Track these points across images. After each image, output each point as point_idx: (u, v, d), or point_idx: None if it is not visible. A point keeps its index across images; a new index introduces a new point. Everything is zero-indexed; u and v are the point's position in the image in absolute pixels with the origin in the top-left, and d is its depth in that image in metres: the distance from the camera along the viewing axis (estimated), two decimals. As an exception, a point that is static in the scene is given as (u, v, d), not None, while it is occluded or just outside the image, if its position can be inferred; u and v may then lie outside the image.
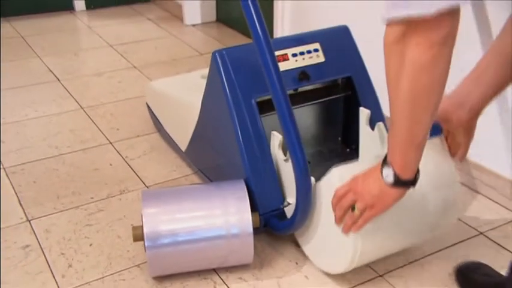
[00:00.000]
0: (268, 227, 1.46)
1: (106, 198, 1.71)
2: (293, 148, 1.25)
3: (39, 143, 2.02)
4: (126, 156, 1.94)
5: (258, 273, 1.42)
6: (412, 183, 1.11)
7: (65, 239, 1.53)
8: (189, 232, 1.33)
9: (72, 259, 1.46)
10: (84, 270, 1.43)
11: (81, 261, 1.45)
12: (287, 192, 1.44)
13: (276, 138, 1.43)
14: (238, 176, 1.45)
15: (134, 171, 1.85)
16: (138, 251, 1.48)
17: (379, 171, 1.11)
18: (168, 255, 1.33)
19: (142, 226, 1.31)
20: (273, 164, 1.44)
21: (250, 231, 1.34)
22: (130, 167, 1.88)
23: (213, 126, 1.58)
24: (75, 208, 1.66)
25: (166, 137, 1.97)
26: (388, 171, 1.09)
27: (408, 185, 1.11)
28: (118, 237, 1.54)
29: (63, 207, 1.67)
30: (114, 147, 2.00)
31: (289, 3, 2.38)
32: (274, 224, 1.44)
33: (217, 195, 1.38)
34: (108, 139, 2.05)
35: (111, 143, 2.02)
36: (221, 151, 1.56)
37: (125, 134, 2.09)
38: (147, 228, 1.30)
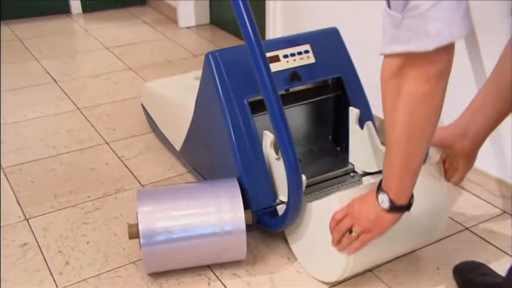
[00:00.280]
0: (261, 224, 1.47)
1: (102, 197, 1.73)
2: (284, 147, 1.26)
3: (37, 143, 2.03)
4: (122, 156, 1.96)
5: (251, 269, 1.44)
6: (407, 208, 1.13)
7: (62, 237, 1.55)
8: (184, 229, 1.34)
9: (70, 257, 1.48)
10: (81, 267, 1.44)
11: (78, 259, 1.47)
12: (279, 190, 1.46)
13: (268, 137, 1.44)
14: (232, 174, 1.46)
15: (130, 171, 1.87)
16: (133, 248, 1.50)
17: (375, 197, 1.13)
18: (163, 252, 1.34)
19: (137, 224, 1.32)
20: (265, 162, 1.46)
21: (243, 228, 1.35)
22: (126, 166, 1.90)
23: (206, 126, 1.59)
24: (72, 207, 1.68)
25: (161, 137, 1.98)
26: (384, 197, 1.11)
27: (403, 209, 1.13)
28: (114, 235, 1.56)
29: (60, 206, 1.69)
30: (110, 147, 2.02)
31: (281, 4, 2.40)
32: (267, 221, 1.45)
33: (211, 193, 1.39)
34: (104, 139, 2.07)
35: (107, 143, 2.04)
36: (214, 150, 1.58)
37: (121, 134, 2.11)
38: (142, 226, 1.31)
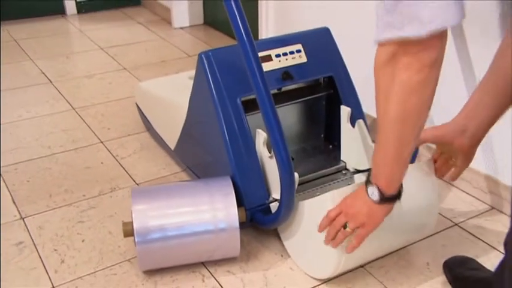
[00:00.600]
0: (254, 222, 1.48)
1: (97, 196, 1.74)
2: (277, 145, 1.27)
3: (32, 143, 2.04)
4: (117, 155, 1.97)
5: (245, 266, 1.45)
6: (397, 198, 1.14)
7: (57, 236, 1.56)
8: (178, 227, 1.35)
9: (65, 255, 1.49)
10: (76, 265, 1.45)
11: (74, 257, 1.48)
12: (272, 188, 1.47)
13: (260, 136, 1.45)
14: (225, 172, 1.47)
15: (125, 169, 1.88)
16: (128, 246, 1.51)
17: (365, 191, 1.14)
18: (158, 250, 1.35)
19: (132, 222, 1.33)
20: (258, 161, 1.47)
21: (237, 225, 1.36)
22: (121, 165, 1.91)
23: (200, 125, 1.60)
24: (68, 205, 1.69)
25: (156, 136, 1.99)
26: (373, 189, 1.12)
27: (394, 199, 1.14)
28: (109, 233, 1.57)
29: (55, 205, 1.70)
30: (105, 146, 2.03)
31: (273, 4, 2.41)
32: (260, 218, 1.47)
33: (205, 191, 1.40)
34: (99, 138, 2.08)
35: (102, 142, 2.05)
36: (208, 149, 1.59)
37: (116, 133, 2.12)
38: (136, 224, 1.32)
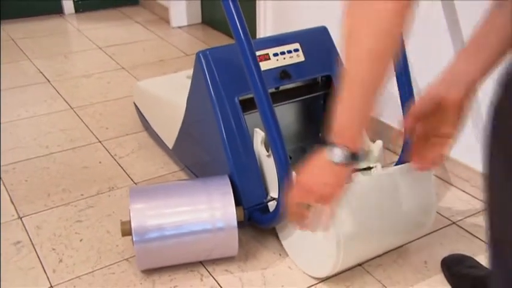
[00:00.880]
0: (252, 221, 1.49)
1: (95, 195, 1.74)
2: (275, 144, 1.28)
3: (30, 142, 2.04)
4: (115, 154, 1.97)
5: (243, 265, 1.45)
6: (361, 157, 0.99)
7: (55, 235, 1.56)
8: (176, 226, 1.35)
9: (63, 254, 1.49)
10: (74, 264, 1.46)
11: (72, 256, 1.48)
12: (270, 187, 1.47)
13: (258, 135, 1.46)
14: (223, 171, 1.47)
15: (123, 169, 1.88)
16: (126, 245, 1.51)
17: (324, 158, 0.97)
18: (156, 249, 1.35)
19: (130, 221, 1.33)
20: (256, 160, 1.47)
21: (235, 224, 1.36)
22: (119, 164, 1.91)
23: (198, 124, 1.60)
24: (66, 205, 1.69)
25: (154, 135, 1.99)
26: (336, 150, 0.95)
27: (356, 158, 0.97)
28: (107, 232, 1.57)
29: (53, 204, 1.70)
30: (103, 145, 2.03)
31: (271, 4, 2.41)
32: (258, 217, 1.47)
33: (203, 190, 1.40)
34: (97, 138, 2.08)
35: (100, 142, 2.05)
36: (206, 148, 1.59)
37: (114, 132, 2.12)
38: (134, 223, 1.32)
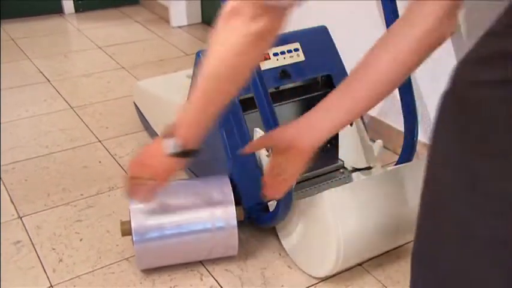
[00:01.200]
0: (252, 220, 1.49)
1: (95, 195, 1.74)
2: (275, 144, 1.29)
3: (30, 142, 2.04)
4: (115, 154, 1.97)
5: (243, 264, 1.45)
6: (194, 154, 1.11)
7: (55, 235, 1.56)
8: (176, 226, 1.35)
9: (63, 254, 1.49)
10: (74, 264, 1.46)
11: (72, 256, 1.48)
12: (270, 187, 1.48)
13: (258, 134, 1.45)
14: (223, 171, 1.47)
15: (123, 169, 1.88)
16: (126, 245, 1.51)
17: (160, 145, 1.09)
18: (156, 249, 1.35)
19: (130, 221, 1.34)
20: (256, 159, 1.47)
21: (235, 224, 1.36)
22: (119, 164, 1.91)
23: None
24: (65, 205, 1.69)
25: (154, 135, 1.99)
26: (169, 142, 1.07)
27: (191, 155, 1.10)
28: (107, 232, 1.57)
29: (53, 204, 1.70)
30: (103, 145, 2.03)
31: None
32: (258, 217, 1.47)
33: (203, 190, 1.40)
34: (97, 137, 2.08)
35: (100, 141, 2.06)
36: (206, 148, 1.58)
37: (114, 132, 2.12)
38: (134, 223, 1.33)
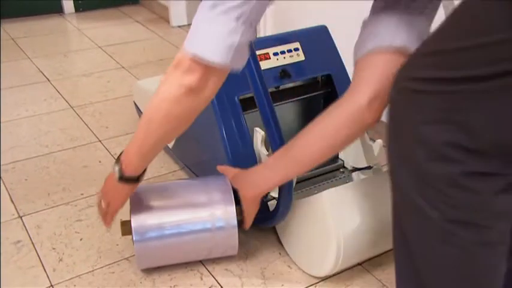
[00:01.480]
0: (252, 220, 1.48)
1: (96, 195, 1.73)
2: (275, 144, 1.28)
3: (30, 141, 2.04)
4: (115, 154, 1.96)
5: (243, 264, 1.45)
6: (134, 181, 1.24)
7: (55, 234, 1.56)
8: (176, 226, 1.34)
9: (63, 253, 1.49)
10: (74, 263, 1.46)
11: (72, 255, 1.48)
12: (270, 186, 1.48)
13: (258, 134, 1.46)
14: (223, 171, 1.48)
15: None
16: (126, 244, 1.51)
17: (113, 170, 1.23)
18: (156, 248, 1.35)
19: (130, 221, 1.33)
20: (256, 159, 1.47)
21: (235, 223, 1.36)
22: (119, 164, 1.91)
23: (198, 123, 1.57)
24: (66, 204, 1.69)
25: (154, 135, 1.99)
26: (117, 167, 1.22)
27: (131, 181, 1.23)
28: (107, 231, 1.57)
29: (53, 203, 1.70)
30: (103, 145, 2.03)
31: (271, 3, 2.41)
32: (258, 216, 1.45)
33: (203, 189, 1.40)
34: (97, 137, 2.08)
35: (100, 141, 2.05)
36: (206, 147, 1.59)
37: (114, 132, 2.12)
38: (134, 223, 1.32)
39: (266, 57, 1.53)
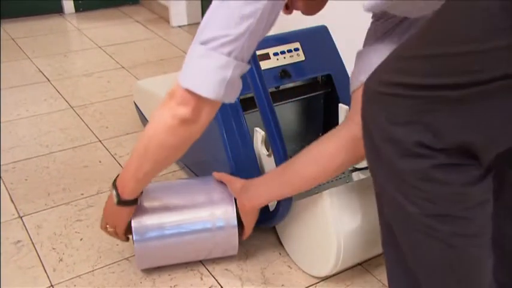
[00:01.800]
0: (252, 220, 1.49)
1: (96, 195, 1.74)
2: (275, 143, 1.28)
3: (30, 141, 2.04)
4: (115, 154, 1.97)
5: (243, 264, 1.45)
6: (132, 203, 1.27)
7: (55, 234, 1.56)
8: (176, 226, 1.34)
9: (63, 253, 1.49)
10: (74, 263, 1.46)
11: (72, 255, 1.48)
12: (270, 186, 1.48)
13: (258, 134, 1.45)
14: (223, 170, 1.46)
15: (123, 168, 1.88)
16: (126, 244, 1.51)
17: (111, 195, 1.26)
18: (156, 248, 1.35)
19: (130, 221, 1.33)
20: (256, 159, 1.47)
21: (235, 223, 1.36)
22: (119, 164, 1.91)
23: None
24: (66, 204, 1.69)
25: (154, 135, 1.99)
26: (114, 192, 1.24)
27: (129, 204, 1.26)
28: (107, 231, 1.58)
29: (53, 203, 1.70)
30: (104, 145, 2.03)
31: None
32: (258, 216, 1.46)
33: (203, 189, 1.40)
34: (97, 137, 2.08)
35: (101, 141, 2.06)
36: (206, 147, 1.58)
37: (114, 132, 2.12)
38: (134, 223, 1.32)
39: (266, 57, 1.53)
